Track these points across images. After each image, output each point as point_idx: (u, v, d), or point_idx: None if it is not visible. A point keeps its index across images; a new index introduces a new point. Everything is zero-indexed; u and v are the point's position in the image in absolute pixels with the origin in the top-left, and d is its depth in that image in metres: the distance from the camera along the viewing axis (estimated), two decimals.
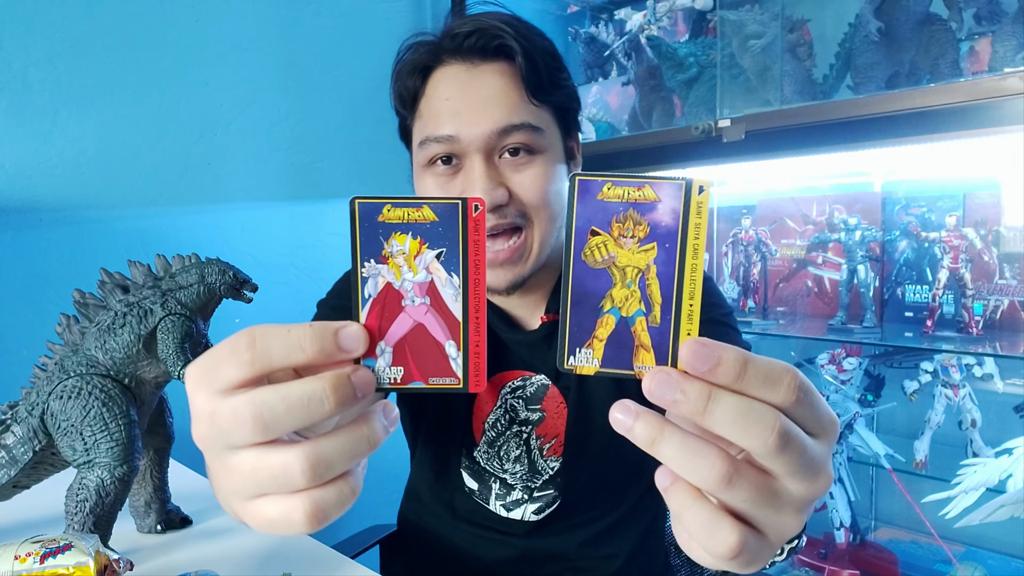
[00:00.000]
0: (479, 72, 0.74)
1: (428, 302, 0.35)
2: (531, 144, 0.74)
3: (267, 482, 0.33)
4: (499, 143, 0.73)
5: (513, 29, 0.73)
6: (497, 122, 0.72)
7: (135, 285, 0.79)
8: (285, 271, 1.66)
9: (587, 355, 0.34)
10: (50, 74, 1.33)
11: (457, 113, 0.73)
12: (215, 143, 1.54)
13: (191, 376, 0.34)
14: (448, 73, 0.75)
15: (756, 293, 1.58)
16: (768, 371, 0.30)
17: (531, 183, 0.74)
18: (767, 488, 0.31)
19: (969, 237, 1.25)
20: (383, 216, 0.34)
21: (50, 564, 0.58)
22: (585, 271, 0.34)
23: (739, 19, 1.36)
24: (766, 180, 1.66)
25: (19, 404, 0.76)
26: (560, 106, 0.78)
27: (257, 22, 1.59)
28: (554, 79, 0.77)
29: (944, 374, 1.29)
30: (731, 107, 1.37)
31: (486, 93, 0.73)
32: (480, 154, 0.73)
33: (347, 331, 0.33)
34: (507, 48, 0.73)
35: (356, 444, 0.33)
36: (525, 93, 0.74)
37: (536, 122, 0.74)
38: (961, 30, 1.21)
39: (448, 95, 0.74)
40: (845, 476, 1.40)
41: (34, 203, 1.34)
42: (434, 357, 0.35)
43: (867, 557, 1.39)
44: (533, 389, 0.85)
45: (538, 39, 0.76)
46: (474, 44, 0.74)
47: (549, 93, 0.76)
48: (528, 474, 0.85)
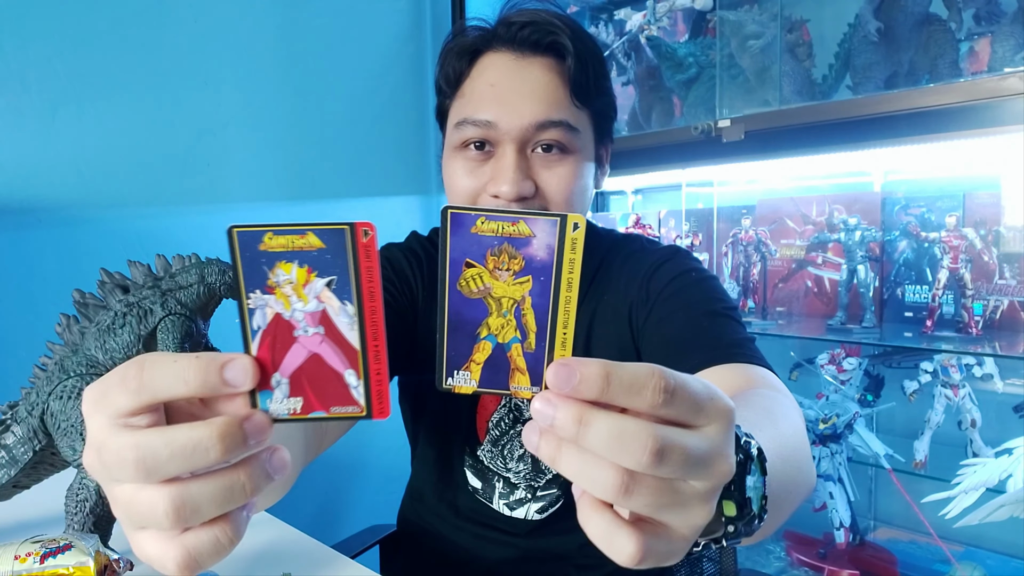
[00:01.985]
0: (527, 64, 0.74)
1: (323, 332, 0.34)
2: (565, 143, 0.74)
3: (138, 518, 0.32)
4: (534, 136, 0.74)
5: (569, 28, 0.74)
6: (537, 115, 0.73)
7: (135, 285, 0.78)
8: None
9: (465, 376, 0.35)
10: (48, 74, 1.33)
11: (499, 100, 0.74)
12: (214, 143, 1.54)
13: (87, 399, 0.33)
14: (496, 60, 0.76)
15: (756, 293, 1.58)
16: (632, 379, 0.30)
17: (559, 181, 0.74)
18: (666, 491, 0.31)
19: (969, 237, 1.25)
20: (265, 245, 0.34)
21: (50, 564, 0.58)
22: (461, 300, 0.34)
23: (738, 19, 1.36)
24: (766, 180, 1.66)
25: (19, 404, 0.76)
26: (599, 112, 0.79)
27: (256, 22, 1.59)
28: (599, 84, 0.78)
29: (944, 374, 1.29)
30: (731, 107, 1.37)
31: (531, 85, 0.73)
32: (514, 144, 0.74)
33: (234, 364, 0.32)
34: (559, 45, 0.74)
35: (228, 491, 0.31)
36: (569, 92, 0.74)
37: (574, 122, 0.75)
38: (960, 30, 1.21)
39: (494, 81, 0.75)
40: (845, 476, 1.40)
41: (33, 203, 1.34)
42: (333, 386, 0.34)
43: (866, 557, 1.39)
44: None
45: (590, 42, 0.77)
46: (527, 36, 0.74)
47: (592, 97, 0.76)
48: (532, 473, 0.85)
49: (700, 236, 1.65)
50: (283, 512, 0.83)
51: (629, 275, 0.82)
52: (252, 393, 0.34)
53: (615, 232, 0.94)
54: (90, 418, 0.33)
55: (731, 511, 0.37)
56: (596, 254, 0.87)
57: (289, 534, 0.85)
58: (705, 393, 0.32)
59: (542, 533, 0.86)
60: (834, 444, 1.39)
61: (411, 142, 1.88)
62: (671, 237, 1.69)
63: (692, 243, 1.63)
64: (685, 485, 0.32)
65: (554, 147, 0.75)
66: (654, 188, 1.96)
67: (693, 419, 0.32)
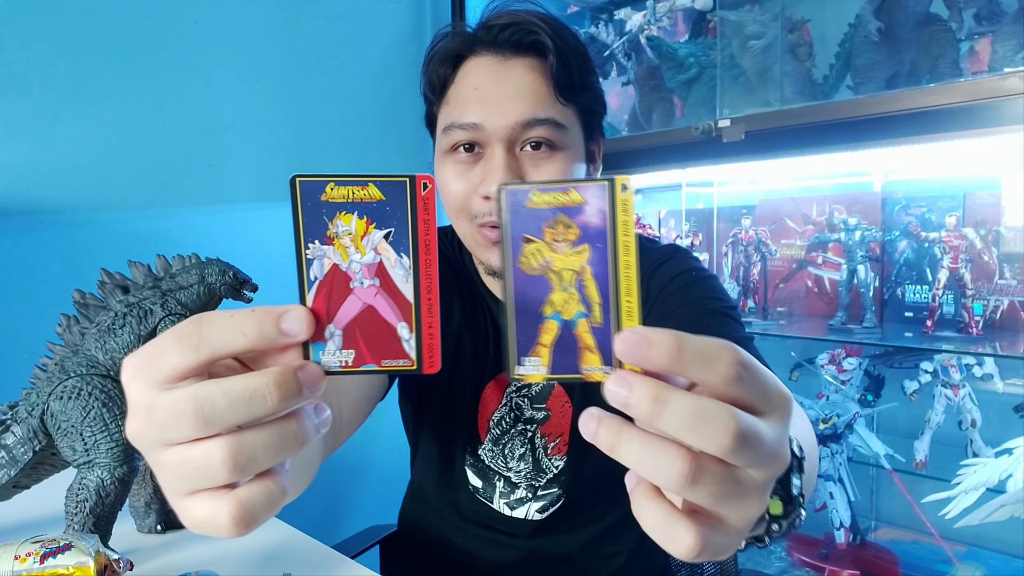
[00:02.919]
0: (510, 65, 0.75)
1: (378, 284, 0.34)
2: (553, 140, 0.75)
3: (192, 476, 0.32)
4: (522, 135, 0.74)
5: (549, 27, 0.75)
6: (522, 114, 0.73)
7: (135, 285, 0.79)
8: (285, 271, 1.66)
9: (534, 363, 0.34)
10: (50, 76, 1.33)
11: (484, 102, 0.74)
12: (215, 144, 1.54)
13: (128, 368, 0.33)
14: (480, 63, 0.76)
15: (756, 293, 1.58)
16: (705, 349, 0.29)
17: (549, 178, 0.75)
18: (730, 480, 0.30)
19: (969, 237, 1.25)
20: (327, 195, 0.33)
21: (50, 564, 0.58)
22: (524, 279, 0.34)
23: (739, 19, 1.36)
24: (766, 180, 1.66)
25: (19, 404, 0.76)
26: (586, 107, 0.79)
27: (257, 23, 1.59)
28: (583, 80, 0.78)
29: (944, 374, 1.29)
30: (731, 107, 1.37)
31: (515, 85, 0.74)
32: (502, 144, 0.74)
33: (290, 314, 0.32)
34: (540, 44, 0.74)
35: (283, 439, 0.32)
36: (553, 90, 0.75)
37: (561, 119, 0.75)
38: (961, 30, 1.21)
39: (477, 84, 0.75)
40: (845, 476, 1.40)
41: (34, 205, 1.34)
42: (386, 339, 0.34)
43: (867, 557, 1.39)
44: (539, 388, 0.85)
45: (572, 39, 0.77)
46: (508, 37, 0.75)
47: (577, 93, 0.76)
48: (532, 472, 0.86)
49: (700, 236, 1.65)
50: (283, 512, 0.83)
51: None
52: (305, 345, 0.34)
53: None
54: (132, 385, 0.32)
55: (777, 509, 0.37)
56: None
57: (289, 534, 0.85)
58: (771, 377, 0.32)
59: (543, 533, 0.86)
60: (834, 444, 1.39)
61: (412, 143, 1.88)
62: (671, 237, 1.69)
63: (692, 243, 1.63)
64: (747, 475, 0.31)
65: (542, 144, 0.75)
66: (654, 188, 1.96)
67: (761, 404, 0.31)
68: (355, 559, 0.79)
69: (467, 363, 0.88)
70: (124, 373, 0.33)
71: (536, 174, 0.75)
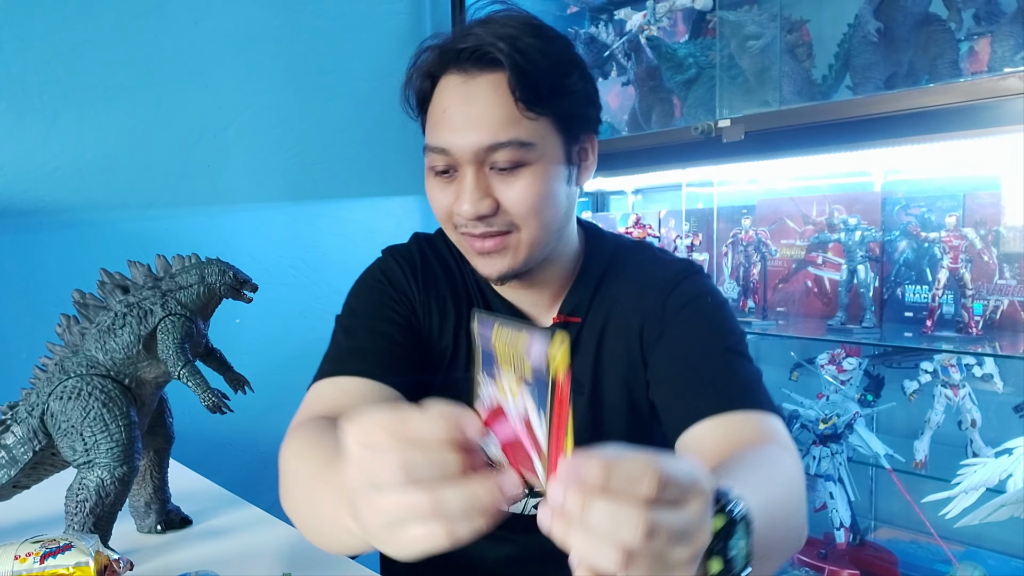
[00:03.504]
0: (475, 84, 0.75)
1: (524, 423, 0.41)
2: (519, 159, 0.75)
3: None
4: (488, 157, 0.75)
5: (507, 40, 0.73)
6: (483, 140, 0.73)
7: (135, 286, 0.79)
8: (284, 272, 1.66)
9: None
10: (49, 77, 1.33)
11: (451, 127, 0.75)
12: (214, 145, 1.55)
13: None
14: (449, 83, 0.77)
15: (756, 293, 1.58)
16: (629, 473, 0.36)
17: (518, 195, 0.75)
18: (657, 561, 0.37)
19: (969, 237, 1.25)
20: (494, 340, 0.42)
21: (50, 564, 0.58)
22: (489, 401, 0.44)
23: (738, 20, 1.36)
24: (766, 180, 1.66)
25: (19, 404, 0.76)
26: (563, 113, 0.77)
27: (256, 23, 1.59)
28: (556, 86, 0.76)
29: (944, 374, 1.29)
30: (730, 107, 1.37)
31: (478, 107, 0.74)
32: (471, 166, 0.75)
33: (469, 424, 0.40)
34: (500, 61, 0.74)
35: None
36: (518, 106, 0.74)
37: (526, 137, 0.74)
38: (960, 30, 1.21)
39: (446, 106, 0.76)
40: (845, 476, 1.40)
41: (34, 205, 1.34)
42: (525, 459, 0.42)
43: (867, 557, 1.39)
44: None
45: (538, 49, 0.75)
46: (469, 57, 0.75)
47: (547, 102, 0.75)
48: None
49: (700, 236, 1.65)
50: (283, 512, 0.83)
51: (642, 287, 0.83)
52: None
53: (623, 238, 0.94)
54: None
55: (716, 568, 0.43)
56: (600, 260, 0.87)
57: (289, 534, 0.85)
58: (690, 478, 0.39)
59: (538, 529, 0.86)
60: (834, 444, 1.39)
61: (411, 143, 1.88)
62: (671, 237, 1.69)
63: (692, 243, 1.63)
64: (671, 554, 0.38)
65: (509, 165, 0.75)
66: (654, 188, 1.96)
67: (680, 500, 0.38)
68: (355, 559, 0.79)
69: (461, 363, 0.88)
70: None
71: (505, 192, 0.75)
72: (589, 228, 0.91)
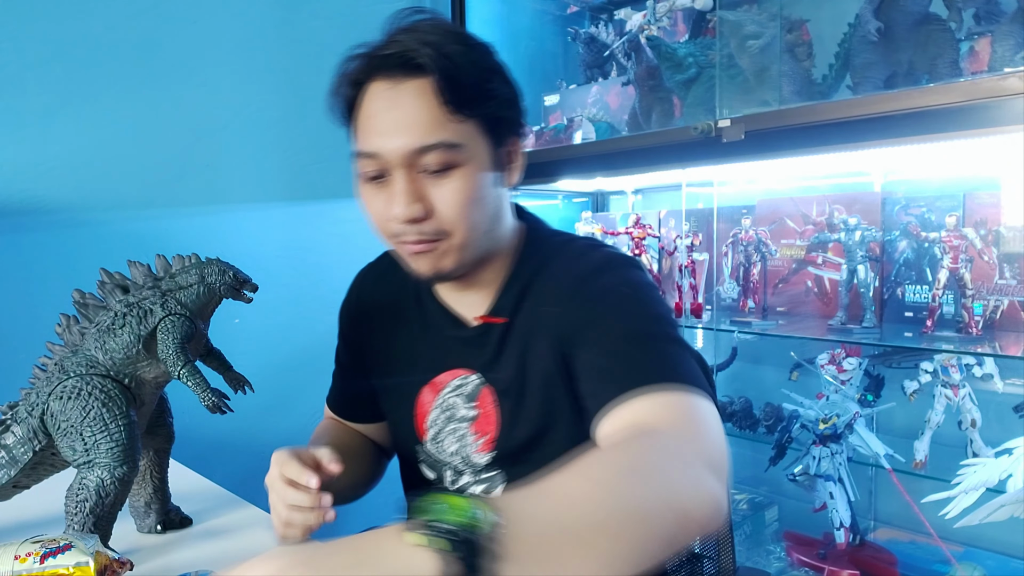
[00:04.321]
0: (402, 90, 0.76)
1: None
2: (448, 161, 0.76)
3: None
4: (417, 160, 0.76)
5: (432, 46, 0.75)
6: (411, 143, 0.74)
7: (135, 285, 0.79)
8: (284, 271, 1.66)
9: None
10: (46, 77, 1.33)
11: (379, 131, 0.76)
12: (212, 144, 1.54)
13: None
14: (376, 90, 0.78)
15: (756, 293, 1.58)
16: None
17: (449, 197, 0.76)
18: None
19: (969, 237, 1.25)
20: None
21: (50, 564, 0.58)
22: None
23: (738, 19, 1.36)
24: (766, 180, 1.66)
25: (19, 404, 0.76)
26: (489, 116, 0.79)
27: (254, 23, 1.59)
28: (481, 91, 0.77)
29: (944, 374, 1.29)
30: (730, 107, 1.37)
31: (404, 111, 0.75)
32: (402, 169, 0.76)
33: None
34: (424, 66, 0.75)
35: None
36: (445, 109, 0.75)
37: (454, 139, 0.75)
38: (960, 30, 1.21)
39: (373, 112, 0.77)
40: (845, 476, 1.40)
41: (32, 205, 1.34)
42: None
43: (866, 557, 1.39)
44: (471, 388, 0.88)
45: (462, 53, 0.77)
46: (395, 63, 0.76)
47: (473, 106, 0.76)
48: (465, 463, 0.89)
49: (700, 236, 1.65)
50: None
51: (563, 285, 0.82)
52: None
53: (564, 235, 0.93)
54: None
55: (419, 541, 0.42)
56: (535, 259, 0.87)
57: None
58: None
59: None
60: (834, 444, 1.39)
61: None
62: (671, 237, 1.69)
63: (692, 243, 1.63)
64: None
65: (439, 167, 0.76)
66: (654, 188, 1.96)
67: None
68: None
69: (405, 370, 0.93)
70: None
71: (436, 194, 0.76)
72: (531, 226, 0.91)
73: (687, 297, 1.64)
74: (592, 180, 1.96)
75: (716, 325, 1.60)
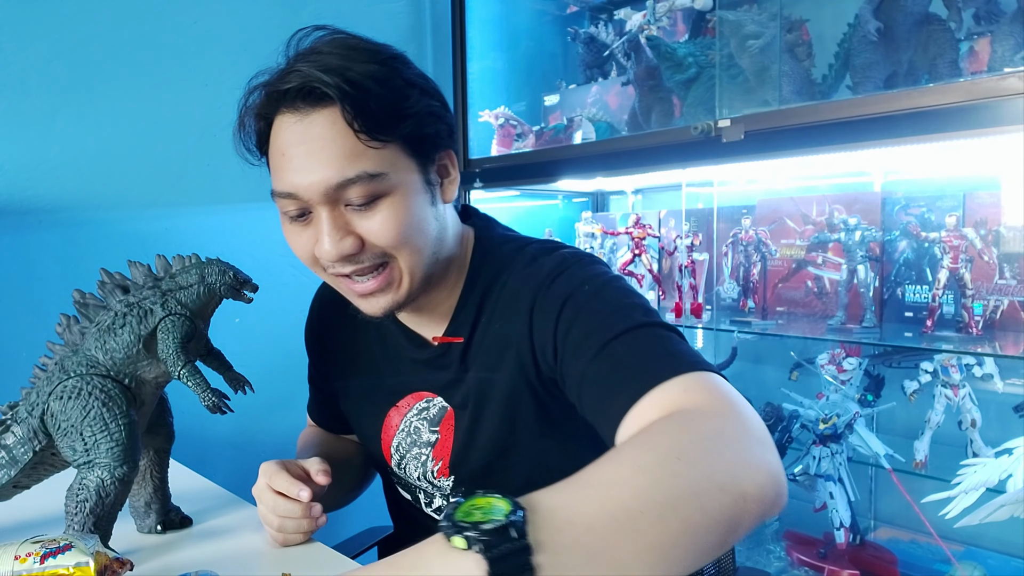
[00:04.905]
0: (311, 122, 0.70)
1: None
2: (371, 192, 0.70)
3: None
4: (339, 195, 0.71)
5: (335, 72, 0.69)
6: (329, 179, 0.69)
7: (135, 285, 0.79)
8: (284, 271, 1.66)
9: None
10: (48, 76, 1.33)
11: (294, 169, 0.71)
12: (214, 144, 1.54)
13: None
14: (283, 124, 0.72)
15: (756, 293, 1.58)
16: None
17: (379, 228, 0.71)
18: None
19: (969, 237, 1.25)
20: None
21: (50, 564, 0.58)
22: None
23: (738, 19, 1.36)
24: (766, 180, 1.66)
25: (19, 404, 0.76)
26: (410, 135, 0.73)
27: (256, 23, 1.59)
28: (395, 111, 0.71)
29: (944, 374, 1.29)
30: (730, 107, 1.37)
31: (317, 146, 0.70)
32: (324, 206, 0.71)
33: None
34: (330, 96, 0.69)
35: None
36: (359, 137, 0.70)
37: (375, 168, 0.70)
38: (960, 30, 1.21)
39: (283, 149, 0.72)
40: (845, 476, 1.40)
41: (33, 205, 1.34)
42: None
43: (867, 557, 1.39)
44: (435, 411, 0.86)
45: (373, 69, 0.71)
46: (296, 95, 0.71)
47: (389, 129, 0.71)
48: (433, 488, 0.88)
49: (700, 236, 1.65)
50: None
51: (519, 297, 0.77)
52: None
53: (516, 240, 0.86)
54: None
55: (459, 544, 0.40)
56: (487, 272, 0.82)
57: None
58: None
59: None
60: (834, 444, 1.39)
61: None
62: (671, 237, 1.69)
63: (692, 243, 1.63)
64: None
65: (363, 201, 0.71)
66: (654, 188, 1.96)
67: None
68: (355, 559, 0.79)
69: (369, 393, 0.91)
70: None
71: (367, 227, 0.71)
72: (481, 236, 0.85)
73: (687, 297, 1.64)
74: (592, 180, 1.96)
75: (716, 325, 1.60)
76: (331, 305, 0.94)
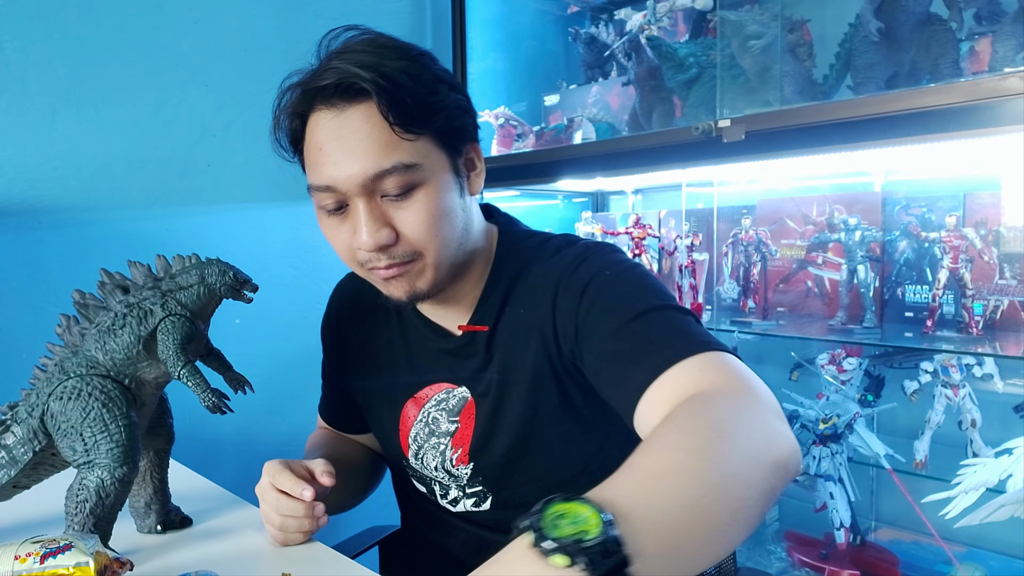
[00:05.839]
0: (347, 117, 0.73)
1: None
2: (408, 181, 0.73)
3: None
4: (376, 186, 0.73)
5: (370, 68, 0.72)
6: (367, 170, 0.72)
7: (135, 286, 0.79)
8: (285, 272, 1.66)
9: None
10: (49, 76, 1.33)
11: (331, 162, 0.73)
12: (215, 144, 1.54)
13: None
14: (320, 120, 0.75)
15: (756, 293, 1.58)
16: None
17: (415, 219, 0.74)
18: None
19: (969, 237, 1.25)
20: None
21: (50, 564, 0.58)
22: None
23: (739, 19, 1.36)
24: (766, 180, 1.66)
25: (19, 405, 0.76)
26: (441, 127, 0.76)
27: (257, 23, 1.59)
28: (428, 104, 0.74)
29: (944, 374, 1.29)
30: (731, 107, 1.37)
31: (354, 139, 0.72)
32: (361, 198, 0.73)
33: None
34: (366, 91, 0.72)
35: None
36: (395, 130, 0.72)
37: (410, 159, 0.73)
38: (961, 30, 1.21)
39: (321, 144, 0.74)
40: (845, 476, 1.40)
41: (34, 205, 1.34)
42: None
43: (867, 557, 1.39)
44: (455, 401, 0.87)
45: (405, 65, 0.74)
46: (334, 91, 0.73)
47: (422, 122, 0.74)
48: (450, 478, 0.88)
49: (700, 236, 1.65)
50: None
51: (543, 287, 0.80)
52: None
53: (539, 236, 0.89)
54: None
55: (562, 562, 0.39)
56: (512, 264, 0.85)
57: None
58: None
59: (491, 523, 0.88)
60: (834, 444, 1.39)
61: None
62: (671, 237, 1.69)
63: (692, 243, 1.63)
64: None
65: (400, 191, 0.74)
66: (654, 188, 1.96)
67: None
68: (355, 559, 0.79)
69: (387, 385, 0.92)
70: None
71: (401, 218, 0.74)
72: (505, 231, 0.88)
73: (687, 297, 1.64)
74: (592, 180, 1.96)
75: (716, 325, 1.60)
76: (351, 300, 0.97)
